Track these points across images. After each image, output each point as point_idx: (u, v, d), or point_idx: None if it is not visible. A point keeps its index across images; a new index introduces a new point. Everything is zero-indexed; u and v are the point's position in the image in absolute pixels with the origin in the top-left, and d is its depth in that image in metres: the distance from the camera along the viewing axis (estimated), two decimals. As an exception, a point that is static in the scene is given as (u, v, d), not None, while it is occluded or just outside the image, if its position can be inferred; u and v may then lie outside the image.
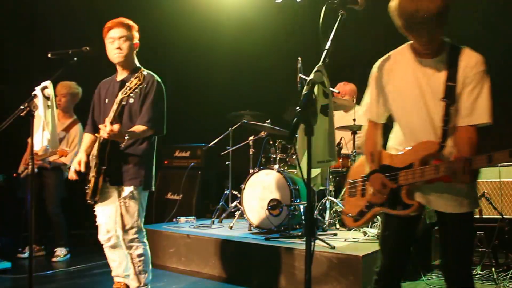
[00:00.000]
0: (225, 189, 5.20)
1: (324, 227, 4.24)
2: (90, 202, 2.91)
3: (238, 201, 4.69)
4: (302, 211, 4.25)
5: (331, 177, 4.44)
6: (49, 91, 2.75)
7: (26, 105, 2.60)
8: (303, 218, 4.25)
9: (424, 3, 1.75)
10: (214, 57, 6.65)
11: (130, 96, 2.69)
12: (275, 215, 4.18)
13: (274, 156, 4.59)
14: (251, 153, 5.04)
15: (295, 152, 4.49)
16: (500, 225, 3.82)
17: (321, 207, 4.40)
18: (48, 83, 2.75)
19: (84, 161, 2.96)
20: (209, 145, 5.46)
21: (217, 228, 4.61)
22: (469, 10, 4.35)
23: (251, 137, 5.05)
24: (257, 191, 4.35)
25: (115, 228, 2.93)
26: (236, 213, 4.71)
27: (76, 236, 5.56)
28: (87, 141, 3.09)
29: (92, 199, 2.88)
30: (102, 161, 2.81)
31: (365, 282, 3.15)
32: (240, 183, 4.55)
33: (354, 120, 4.57)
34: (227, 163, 5.33)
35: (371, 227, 4.07)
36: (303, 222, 4.23)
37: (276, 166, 4.44)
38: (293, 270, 3.50)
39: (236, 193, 4.94)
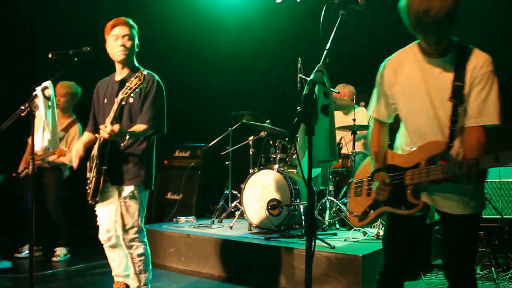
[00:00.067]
0: (225, 189, 5.21)
1: (324, 227, 4.24)
2: (91, 202, 2.90)
3: (238, 201, 4.69)
4: (302, 211, 4.25)
5: (330, 177, 4.44)
6: (50, 91, 2.74)
7: (27, 105, 2.61)
8: (303, 218, 4.25)
9: (436, 2, 1.72)
10: (214, 57, 6.66)
11: (130, 96, 2.69)
12: (275, 215, 4.19)
13: (274, 156, 4.58)
14: (251, 153, 5.04)
15: (295, 152, 4.50)
16: (500, 225, 3.83)
17: (321, 207, 4.41)
18: (48, 83, 2.75)
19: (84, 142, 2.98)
20: (209, 145, 5.45)
21: (217, 228, 4.61)
22: (471, 10, 4.34)
23: (251, 137, 5.05)
24: (257, 191, 4.35)
25: (115, 228, 2.92)
26: (236, 213, 4.72)
27: (76, 236, 5.56)
28: (85, 136, 3.06)
29: (93, 200, 2.86)
30: (102, 161, 2.79)
31: (365, 282, 3.15)
32: (240, 183, 4.55)
33: (354, 120, 4.58)
34: (227, 163, 5.34)
35: (371, 227, 4.08)
36: (303, 222, 4.23)
37: (276, 166, 4.45)
38: (292, 269, 3.50)
39: (236, 193, 4.95)
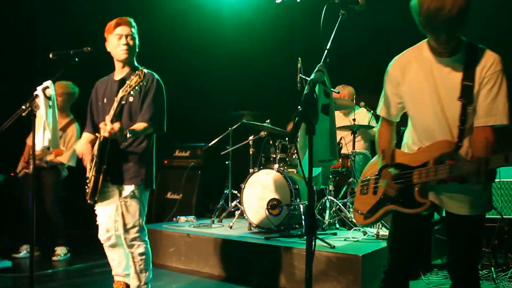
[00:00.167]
0: (225, 189, 5.22)
1: (324, 226, 4.25)
2: (90, 202, 2.89)
3: (238, 200, 4.70)
4: (302, 211, 4.25)
5: (330, 177, 4.44)
6: (51, 91, 2.74)
7: (28, 105, 2.61)
8: (302, 218, 4.26)
9: (448, 1, 1.71)
10: (214, 56, 6.67)
11: (130, 94, 2.68)
12: (275, 214, 4.19)
13: (274, 156, 4.58)
14: (251, 152, 5.05)
15: (295, 151, 4.50)
16: (500, 225, 3.84)
17: (321, 207, 4.41)
18: (49, 83, 2.75)
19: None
20: (209, 144, 5.46)
21: (217, 228, 4.61)
22: (474, 8, 4.33)
23: (251, 137, 5.05)
24: (257, 191, 4.35)
25: (114, 228, 2.91)
26: (236, 212, 4.72)
27: (77, 235, 5.56)
28: (84, 138, 3.06)
29: (91, 199, 2.85)
30: (102, 160, 2.78)
31: (364, 281, 3.16)
32: (240, 182, 4.55)
33: (354, 120, 4.59)
34: (227, 162, 5.34)
35: (371, 227, 4.08)
36: (303, 221, 4.24)
37: (276, 166, 4.45)
38: (292, 269, 3.51)
39: (236, 192, 4.95)
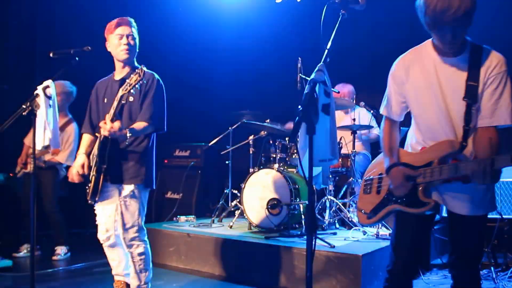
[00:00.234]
0: (225, 188, 5.22)
1: (324, 226, 4.25)
2: (91, 202, 2.89)
3: (238, 200, 4.70)
4: (302, 211, 4.25)
5: (330, 177, 4.44)
6: (51, 90, 2.74)
7: (28, 104, 2.61)
8: (302, 218, 4.26)
9: (455, 1, 1.72)
10: (214, 56, 6.67)
11: (130, 92, 2.68)
12: (275, 214, 4.19)
13: (274, 156, 4.59)
14: (251, 152, 5.04)
15: (295, 151, 4.50)
16: (499, 225, 3.84)
17: (320, 207, 4.41)
18: (49, 82, 2.75)
19: (87, 165, 2.94)
20: (209, 144, 5.47)
21: (217, 227, 4.61)
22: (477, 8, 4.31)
23: (251, 137, 5.05)
24: (257, 190, 4.35)
25: (114, 227, 2.91)
26: (236, 212, 4.72)
27: (77, 235, 5.57)
28: (85, 141, 3.07)
29: (92, 199, 2.85)
30: (102, 159, 2.79)
31: (364, 281, 3.16)
32: (240, 182, 4.55)
33: (354, 120, 4.59)
34: (227, 162, 5.34)
35: (371, 227, 4.08)
36: (303, 221, 4.24)
37: (276, 166, 4.45)
38: (292, 269, 3.51)
39: (236, 192, 4.95)
